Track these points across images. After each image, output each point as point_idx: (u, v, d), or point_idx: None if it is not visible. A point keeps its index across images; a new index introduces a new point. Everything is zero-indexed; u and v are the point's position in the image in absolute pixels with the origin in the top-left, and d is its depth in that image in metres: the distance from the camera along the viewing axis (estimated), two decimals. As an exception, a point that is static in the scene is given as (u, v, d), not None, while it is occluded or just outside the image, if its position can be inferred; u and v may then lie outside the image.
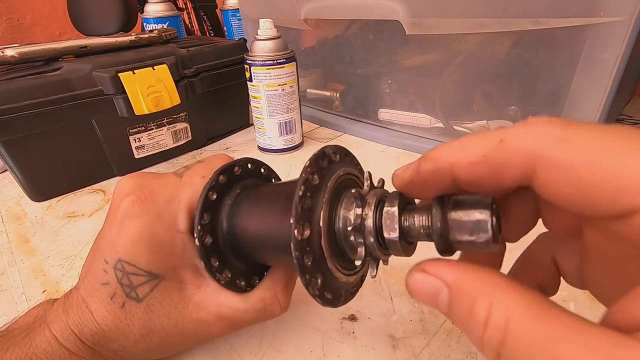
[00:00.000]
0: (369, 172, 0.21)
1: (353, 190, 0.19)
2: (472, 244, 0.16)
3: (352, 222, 0.19)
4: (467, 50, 0.51)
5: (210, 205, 0.24)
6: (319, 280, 0.19)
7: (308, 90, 0.73)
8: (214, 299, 0.24)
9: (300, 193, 0.18)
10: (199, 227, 0.23)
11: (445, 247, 0.16)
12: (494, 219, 0.15)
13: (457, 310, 0.13)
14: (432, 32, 0.49)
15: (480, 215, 0.15)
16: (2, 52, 0.48)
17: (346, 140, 0.63)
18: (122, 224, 0.23)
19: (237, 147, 0.64)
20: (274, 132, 0.57)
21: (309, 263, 0.18)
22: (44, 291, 0.36)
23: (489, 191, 0.16)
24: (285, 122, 0.57)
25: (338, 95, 0.69)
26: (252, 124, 0.61)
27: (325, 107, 0.71)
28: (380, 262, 0.21)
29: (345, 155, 0.22)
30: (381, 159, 0.57)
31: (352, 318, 0.30)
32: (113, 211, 0.24)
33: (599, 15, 0.38)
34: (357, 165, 0.23)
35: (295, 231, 0.18)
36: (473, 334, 0.13)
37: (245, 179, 0.26)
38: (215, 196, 0.24)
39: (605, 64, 0.39)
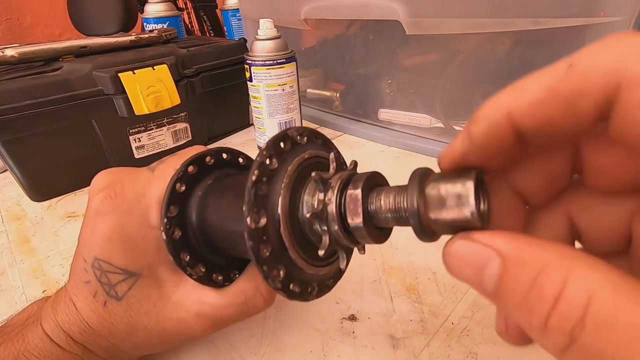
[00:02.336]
0: (336, 154, 0.19)
1: (313, 174, 0.18)
2: (454, 223, 0.14)
3: (315, 208, 0.17)
4: (467, 50, 0.51)
5: (178, 197, 0.23)
6: (281, 272, 0.18)
7: (308, 90, 0.73)
8: (193, 296, 0.23)
9: (254, 178, 0.17)
10: (165, 220, 0.22)
11: (423, 229, 0.14)
12: (478, 192, 0.13)
13: (510, 287, 0.11)
14: (432, 32, 0.49)
15: (460, 188, 0.13)
16: (2, 52, 0.48)
17: (346, 140, 0.63)
18: (94, 222, 0.23)
19: (237, 147, 0.64)
20: (274, 132, 0.57)
21: (267, 254, 0.17)
22: (44, 291, 0.36)
23: (563, 136, 0.12)
24: (286, 122, 0.57)
25: (338, 95, 0.69)
26: (252, 124, 0.61)
27: (325, 107, 0.71)
28: (356, 250, 0.19)
29: (315, 137, 0.20)
30: (381, 159, 0.57)
31: (352, 318, 0.30)
32: (88, 209, 0.24)
33: (599, 15, 0.38)
34: (331, 148, 0.21)
35: (248, 219, 0.17)
36: (532, 315, 0.10)
37: (221, 169, 0.25)
38: (184, 188, 0.23)
39: (605, 64, 0.39)
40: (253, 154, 0.25)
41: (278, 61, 0.53)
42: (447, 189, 0.14)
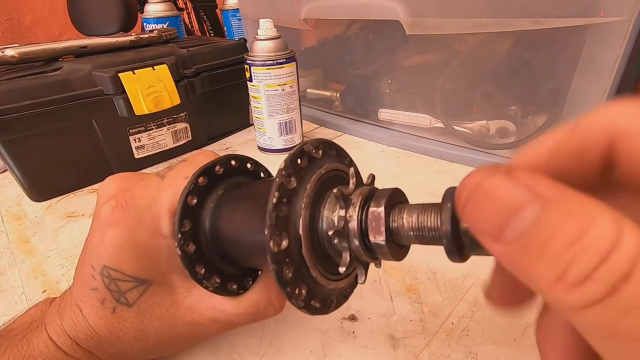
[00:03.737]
0: (355, 169, 0.19)
1: (335, 190, 0.18)
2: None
3: (335, 225, 0.17)
4: (467, 50, 0.51)
5: (190, 211, 0.22)
6: (304, 291, 0.18)
7: (308, 90, 0.73)
8: (206, 301, 0.23)
9: (275, 200, 0.17)
10: (179, 236, 0.22)
11: (456, 251, 0.14)
12: None
13: (545, 236, 0.10)
14: (432, 32, 0.49)
15: None
16: (2, 52, 0.48)
17: (346, 140, 0.63)
18: (103, 230, 0.23)
19: (237, 147, 0.64)
20: (274, 132, 0.57)
21: (290, 275, 0.17)
22: (44, 291, 0.36)
23: None
24: (285, 122, 0.57)
25: (338, 95, 0.69)
26: (252, 124, 0.61)
27: (325, 107, 0.71)
28: (372, 264, 0.19)
29: (330, 149, 0.20)
30: (381, 159, 0.57)
31: (352, 318, 0.30)
32: (96, 215, 0.24)
33: (599, 15, 0.38)
34: (345, 158, 0.21)
35: (271, 243, 0.17)
36: (572, 267, 0.10)
37: (230, 177, 0.25)
38: (195, 200, 0.23)
39: (605, 64, 0.39)
40: (253, 154, 0.25)
41: (278, 61, 0.53)
42: None
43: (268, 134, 0.58)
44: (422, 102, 0.58)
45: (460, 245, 0.14)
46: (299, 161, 0.18)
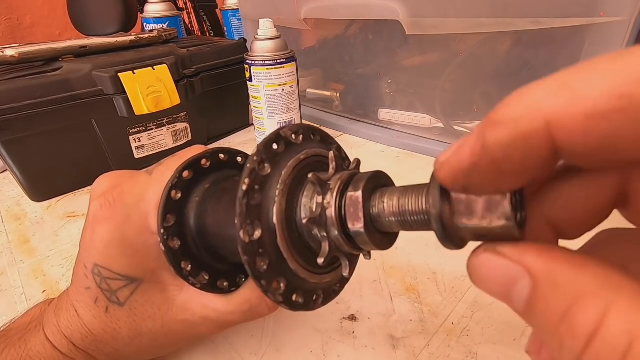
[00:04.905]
0: (335, 152, 0.18)
1: (310, 175, 0.16)
2: (483, 231, 0.12)
3: (313, 212, 0.16)
4: (467, 50, 0.51)
5: (174, 206, 0.22)
6: (282, 285, 0.17)
7: (308, 90, 0.73)
8: (197, 300, 0.23)
9: (245, 187, 0.16)
10: (162, 231, 0.21)
11: (447, 235, 0.12)
12: (515, 197, 0.11)
13: (541, 311, 0.10)
14: (432, 32, 0.49)
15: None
16: (2, 52, 0.48)
17: (346, 140, 0.63)
18: (93, 228, 0.22)
19: (237, 147, 0.64)
20: (274, 132, 0.57)
21: (265, 267, 0.16)
22: (44, 291, 0.36)
23: (624, 160, 0.09)
24: (285, 122, 0.57)
25: (338, 95, 0.69)
26: (252, 124, 0.61)
27: (325, 107, 0.71)
28: (362, 256, 0.18)
29: (312, 135, 0.19)
30: (381, 159, 0.57)
31: (352, 318, 0.30)
32: (87, 214, 0.23)
33: (599, 15, 0.38)
34: (332, 144, 0.20)
35: (241, 233, 0.15)
36: (564, 348, 0.09)
37: (219, 171, 0.24)
38: (179, 195, 0.22)
39: (605, 64, 0.39)
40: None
41: (278, 61, 0.53)
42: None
43: (268, 134, 0.58)
44: (422, 102, 0.58)
45: (452, 227, 0.12)
46: (274, 146, 0.17)
